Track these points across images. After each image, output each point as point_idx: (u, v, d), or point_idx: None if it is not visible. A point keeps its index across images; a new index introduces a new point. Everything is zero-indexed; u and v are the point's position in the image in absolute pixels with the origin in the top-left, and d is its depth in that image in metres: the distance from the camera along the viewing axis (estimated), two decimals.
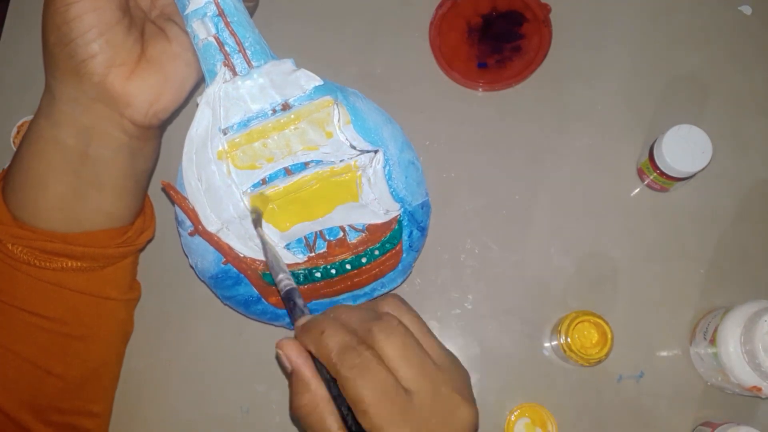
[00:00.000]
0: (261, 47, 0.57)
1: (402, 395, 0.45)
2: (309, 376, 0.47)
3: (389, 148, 0.58)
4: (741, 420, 0.61)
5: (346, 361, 0.44)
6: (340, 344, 0.45)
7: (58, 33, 0.53)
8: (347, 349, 0.45)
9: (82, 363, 0.63)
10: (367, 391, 0.44)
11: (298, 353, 0.48)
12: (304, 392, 0.46)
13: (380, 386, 0.44)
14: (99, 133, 0.56)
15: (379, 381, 0.44)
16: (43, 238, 0.58)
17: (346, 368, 0.44)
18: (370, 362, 0.44)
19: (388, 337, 0.46)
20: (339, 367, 0.44)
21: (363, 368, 0.44)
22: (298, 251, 0.60)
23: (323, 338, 0.46)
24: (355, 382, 0.44)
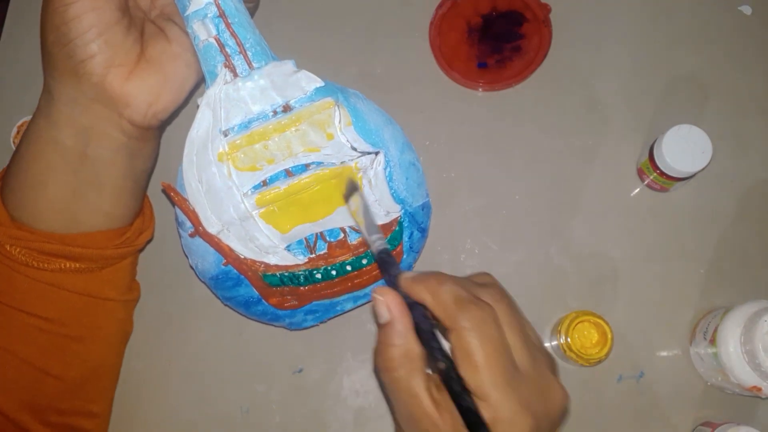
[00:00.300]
0: (262, 48, 0.57)
1: (512, 361, 0.43)
2: (407, 328, 0.45)
3: (390, 149, 0.58)
4: (741, 420, 0.61)
5: (467, 311, 0.43)
6: (459, 295, 0.44)
7: (56, 33, 0.53)
8: (468, 301, 0.43)
9: (81, 364, 0.63)
10: (483, 347, 0.42)
11: (398, 303, 0.46)
12: (397, 345, 0.45)
13: (497, 345, 0.42)
14: (98, 133, 0.56)
15: (497, 339, 0.43)
16: (41, 239, 0.58)
17: (466, 318, 0.43)
18: (490, 318, 0.43)
19: (497, 302, 0.45)
20: (458, 316, 0.43)
21: (483, 322, 0.43)
22: (299, 252, 0.60)
23: (442, 288, 0.45)
24: (473, 334, 0.42)
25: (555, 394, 0.45)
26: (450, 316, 0.43)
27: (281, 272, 0.60)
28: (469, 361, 0.42)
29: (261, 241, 0.59)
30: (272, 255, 0.59)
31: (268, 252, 0.59)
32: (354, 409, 0.68)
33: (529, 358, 0.44)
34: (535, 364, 0.44)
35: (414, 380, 0.44)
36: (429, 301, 0.45)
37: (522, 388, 0.42)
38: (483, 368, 0.42)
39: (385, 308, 0.46)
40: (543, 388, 0.44)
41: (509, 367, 0.43)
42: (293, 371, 0.70)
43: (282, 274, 0.60)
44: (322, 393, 0.69)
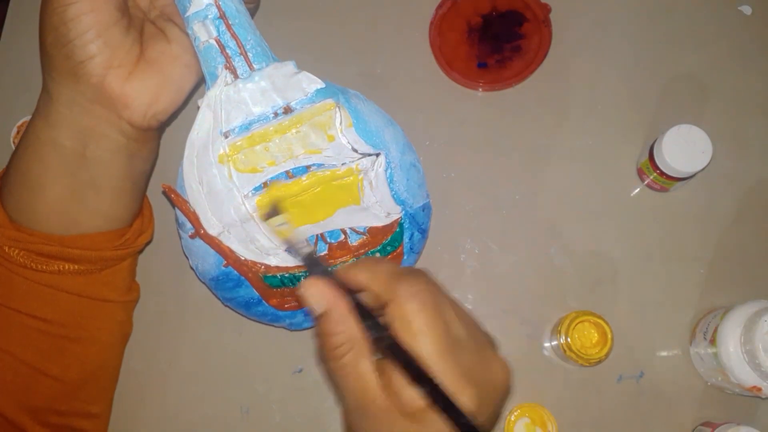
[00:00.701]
0: (262, 49, 0.57)
1: (452, 333, 0.43)
2: (345, 313, 0.44)
3: (391, 150, 0.58)
4: (741, 420, 0.61)
5: (404, 281, 0.43)
6: (395, 270, 0.44)
7: (55, 33, 0.52)
8: (405, 273, 0.44)
9: (80, 365, 0.62)
10: (422, 313, 0.42)
11: (331, 290, 0.45)
12: (339, 332, 0.44)
13: (435, 312, 0.42)
14: (97, 134, 0.56)
15: (435, 307, 0.42)
16: (40, 240, 0.58)
17: (404, 287, 0.42)
18: (426, 287, 0.43)
19: (429, 284, 0.44)
20: (396, 287, 0.43)
21: (420, 291, 0.42)
22: None
23: (377, 266, 0.45)
24: (411, 301, 0.42)
25: (496, 366, 0.45)
26: (388, 289, 0.43)
27: (282, 273, 0.60)
28: (408, 329, 0.42)
29: (261, 242, 0.58)
30: (273, 256, 0.59)
31: (268, 253, 0.59)
32: None
33: (466, 331, 0.44)
34: (475, 338, 0.44)
35: (361, 364, 0.43)
36: (367, 279, 0.45)
37: (462, 358, 0.42)
38: (423, 335, 0.41)
39: (319, 297, 0.45)
40: (483, 360, 0.44)
41: (448, 336, 0.42)
42: (293, 371, 0.70)
43: (282, 275, 0.60)
44: (322, 393, 0.69)
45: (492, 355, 0.45)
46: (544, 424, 0.65)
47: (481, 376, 0.43)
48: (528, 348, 0.69)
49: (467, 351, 0.43)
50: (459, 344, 0.43)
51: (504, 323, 0.69)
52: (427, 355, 0.41)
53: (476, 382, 0.42)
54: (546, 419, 0.65)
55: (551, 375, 0.68)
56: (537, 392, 0.67)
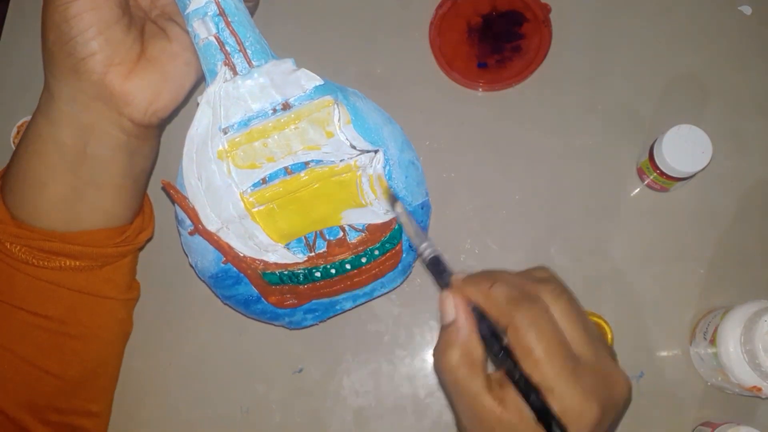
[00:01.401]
0: (261, 47, 0.57)
1: (572, 353, 0.43)
2: (470, 329, 0.46)
3: (389, 147, 0.58)
4: (741, 420, 0.61)
5: (521, 309, 0.43)
6: (513, 294, 0.44)
7: (57, 31, 0.53)
8: (520, 299, 0.44)
9: (81, 363, 0.63)
10: (540, 342, 0.42)
11: (464, 304, 0.46)
12: (458, 346, 0.45)
13: (554, 339, 0.43)
14: (98, 131, 0.56)
15: (553, 333, 0.43)
16: (41, 237, 0.58)
17: (520, 316, 0.43)
18: (544, 313, 0.44)
19: (555, 298, 0.45)
20: (513, 314, 0.43)
21: (537, 317, 0.43)
22: (298, 251, 0.60)
23: (494, 289, 0.45)
24: (529, 330, 0.43)
25: (618, 381, 0.45)
26: (504, 315, 0.44)
27: (281, 270, 0.60)
28: (529, 357, 0.43)
29: (260, 239, 0.59)
30: (272, 253, 0.59)
31: (267, 250, 0.59)
32: (354, 409, 0.68)
33: (589, 348, 0.44)
34: (597, 354, 0.44)
35: (475, 381, 0.44)
36: (482, 302, 0.46)
37: (585, 377, 0.43)
38: (543, 361, 0.42)
39: (451, 308, 0.47)
40: (606, 376, 0.44)
41: (569, 358, 0.43)
42: (293, 371, 0.70)
43: (281, 272, 0.60)
44: (322, 393, 0.69)
45: (613, 368, 0.45)
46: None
47: (602, 391, 0.44)
48: None
49: (590, 369, 0.44)
50: (581, 364, 0.43)
51: None
52: (549, 380, 0.42)
53: (599, 398, 0.43)
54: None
55: None
56: None
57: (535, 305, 0.44)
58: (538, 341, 0.42)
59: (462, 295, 0.47)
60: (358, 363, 0.69)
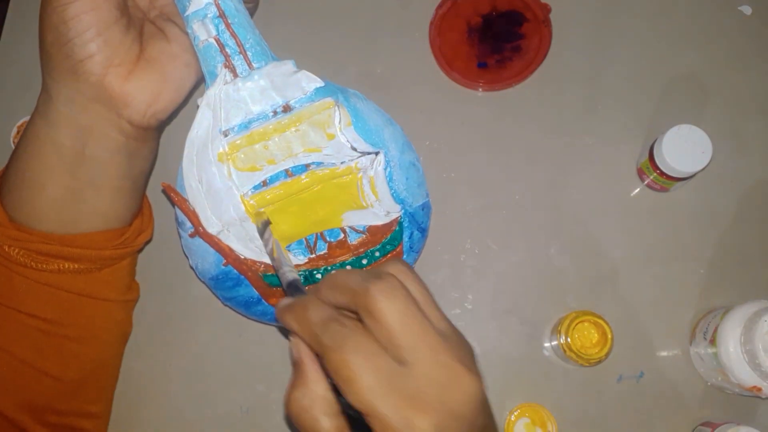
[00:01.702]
0: (262, 48, 0.57)
1: (393, 364, 0.40)
2: (311, 369, 0.43)
3: (390, 149, 0.58)
4: (741, 420, 0.61)
5: (327, 330, 0.40)
6: (322, 317, 0.42)
7: (55, 32, 0.52)
8: (329, 319, 0.41)
9: (80, 364, 0.62)
10: (349, 359, 0.39)
11: (302, 345, 0.43)
12: (301, 385, 0.43)
13: (365, 352, 0.40)
14: (96, 133, 0.56)
15: (364, 347, 0.40)
16: (39, 239, 0.58)
17: (327, 337, 0.40)
18: (353, 329, 0.40)
19: (388, 299, 0.40)
20: (320, 338, 0.40)
21: (345, 335, 0.40)
22: (299, 252, 0.60)
23: (306, 313, 0.42)
24: (336, 350, 0.40)
25: (462, 383, 0.41)
26: (315, 342, 0.41)
27: None
28: (340, 379, 0.40)
29: (261, 241, 0.59)
30: None
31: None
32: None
33: (422, 350, 0.40)
34: (431, 355, 0.41)
35: (320, 423, 0.42)
36: (296, 330, 0.43)
37: (411, 386, 0.40)
38: (356, 384, 0.39)
39: (294, 347, 0.44)
40: (444, 380, 0.40)
41: (387, 369, 0.40)
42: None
43: None
44: None
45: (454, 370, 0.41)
46: (544, 423, 0.65)
47: (437, 397, 0.40)
48: (528, 348, 0.69)
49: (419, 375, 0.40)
50: (405, 372, 0.40)
51: (504, 323, 0.69)
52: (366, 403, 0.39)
53: (432, 407, 0.40)
54: (546, 419, 0.65)
55: (551, 375, 0.68)
56: (537, 392, 0.67)
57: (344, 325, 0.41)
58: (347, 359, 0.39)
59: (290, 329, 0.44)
60: None
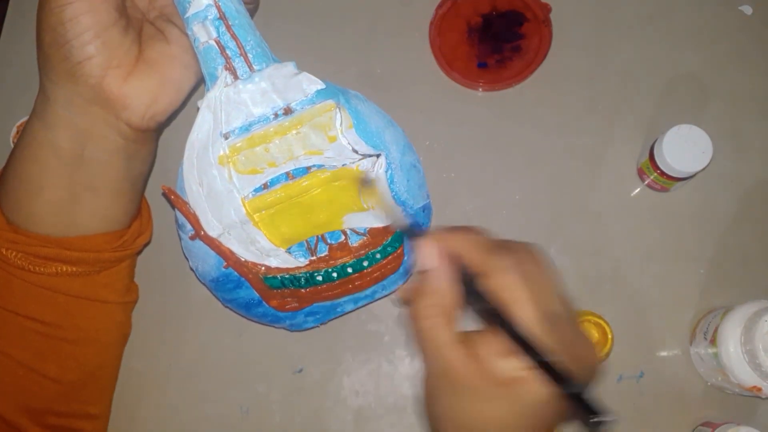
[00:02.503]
0: (262, 50, 0.56)
1: (555, 302, 0.43)
2: (446, 277, 0.44)
3: (391, 151, 0.58)
4: (741, 420, 0.61)
5: (500, 254, 0.43)
6: (492, 242, 0.44)
7: (53, 34, 0.52)
8: (501, 246, 0.44)
9: (79, 366, 0.62)
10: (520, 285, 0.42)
11: (442, 253, 0.45)
12: (432, 294, 0.44)
13: (534, 285, 0.42)
14: (95, 135, 0.56)
15: (533, 280, 0.42)
16: (37, 243, 0.58)
17: (501, 259, 0.43)
18: (523, 260, 0.43)
19: (534, 259, 0.44)
20: (494, 259, 0.43)
21: (517, 263, 0.43)
22: (300, 255, 0.60)
23: (474, 235, 0.45)
24: (507, 273, 0.42)
25: (589, 347, 0.45)
26: (485, 261, 0.43)
27: (282, 275, 0.60)
28: (512, 297, 0.42)
29: (262, 243, 0.59)
30: (273, 257, 0.59)
31: (269, 254, 0.59)
32: (354, 409, 0.68)
33: (564, 308, 0.44)
34: (571, 319, 0.44)
35: (443, 331, 0.43)
36: (464, 248, 0.45)
37: (561, 332, 0.42)
38: (528, 303, 0.41)
39: (429, 254, 0.45)
40: (578, 339, 0.44)
41: (549, 308, 0.42)
42: (293, 371, 0.70)
43: (283, 276, 0.60)
44: (322, 393, 0.69)
45: (585, 336, 0.45)
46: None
47: (577, 352, 0.43)
48: None
49: (565, 327, 0.43)
50: (558, 319, 0.43)
51: None
52: (531, 322, 0.41)
53: (573, 356, 0.42)
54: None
55: None
56: None
57: (516, 252, 0.44)
58: (518, 283, 0.42)
59: (441, 246, 0.45)
60: (358, 363, 0.69)
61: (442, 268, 0.45)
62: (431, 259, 0.45)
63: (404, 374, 0.69)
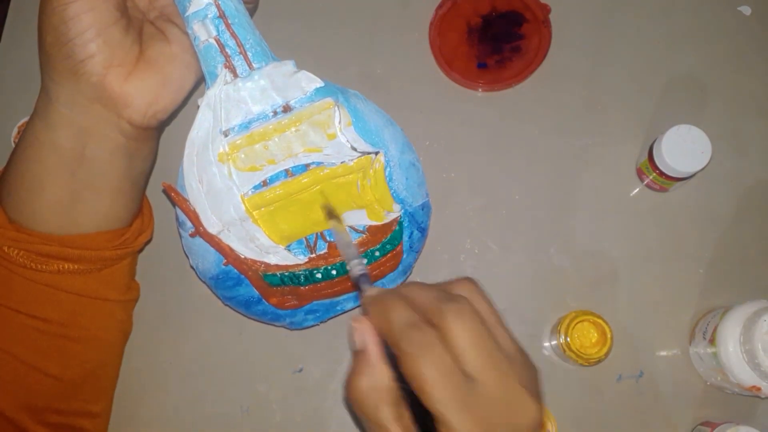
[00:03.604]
0: (262, 49, 0.57)
1: (465, 381, 0.42)
2: (376, 358, 0.44)
3: (390, 149, 0.59)
4: (740, 420, 0.61)
5: (409, 337, 0.42)
6: (406, 320, 0.43)
7: (55, 33, 0.52)
8: (412, 326, 0.42)
9: (80, 364, 0.62)
10: (428, 370, 0.41)
11: (371, 333, 0.45)
12: (366, 375, 0.44)
13: (442, 367, 0.41)
14: (96, 134, 0.56)
15: (442, 362, 0.41)
16: (39, 240, 0.58)
17: (408, 343, 0.42)
18: (433, 341, 0.42)
19: (459, 319, 0.43)
20: (401, 342, 0.42)
21: (426, 346, 0.42)
22: (299, 252, 0.60)
23: (389, 312, 0.44)
24: (416, 359, 0.41)
25: (525, 409, 0.43)
26: (395, 342, 0.43)
27: (281, 272, 0.60)
28: (417, 385, 0.41)
29: (261, 240, 0.59)
30: (273, 255, 0.59)
31: (268, 252, 0.59)
32: None
33: (491, 371, 0.42)
34: (499, 378, 0.42)
35: (381, 412, 0.43)
36: (377, 326, 0.45)
37: (481, 405, 0.41)
38: (431, 392, 0.41)
39: (359, 336, 0.45)
40: (508, 402, 0.43)
41: (462, 385, 0.41)
42: (293, 371, 0.70)
43: (282, 273, 0.60)
44: (322, 393, 0.69)
45: (519, 394, 0.43)
46: (544, 423, 0.65)
47: (502, 419, 0.42)
48: (528, 347, 0.66)
49: (487, 397, 0.42)
50: (476, 392, 0.42)
51: None
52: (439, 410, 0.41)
53: (494, 427, 0.42)
54: (546, 419, 0.65)
55: (551, 375, 0.68)
56: None
57: (425, 334, 0.42)
58: (424, 369, 0.41)
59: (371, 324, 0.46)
60: None
61: (374, 349, 0.45)
62: (362, 340, 0.45)
63: None
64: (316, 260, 0.60)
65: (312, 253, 0.60)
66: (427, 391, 0.41)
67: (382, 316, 0.45)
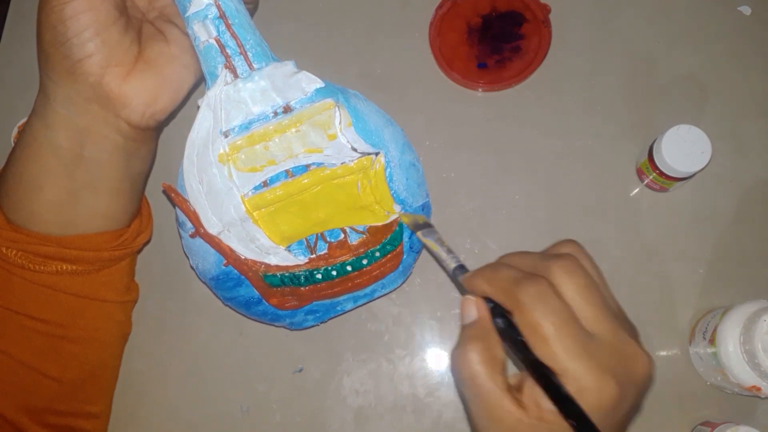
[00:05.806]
0: (262, 49, 0.57)
1: (583, 329, 0.42)
2: (488, 329, 0.45)
3: (390, 150, 0.59)
4: (740, 420, 0.61)
5: (525, 288, 0.42)
6: (514, 276, 0.44)
7: (53, 32, 0.52)
8: (525, 278, 0.43)
9: (79, 365, 0.62)
10: (545, 320, 0.41)
11: (483, 304, 0.46)
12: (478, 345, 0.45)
13: (561, 316, 0.41)
14: (94, 134, 0.56)
15: (560, 311, 0.42)
16: (37, 241, 0.58)
17: (524, 294, 0.42)
18: (548, 291, 0.42)
19: (567, 274, 0.43)
20: (517, 293, 0.42)
21: (542, 295, 0.42)
22: (299, 253, 0.60)
23: (498, 272, 0.45)
24: (533, 310, 0.42)
25: (637, 358, 0.43)
26: (508, 298, 0.43)
27: (282, 273, 0.60)
28: (536, 336, 0.42)
29: (262, 241, 0.59)
30: (273, 255, 0.59)
31: (268, 252, 0.59)
32: (354, 409, 0.68)
33: (604, 324, 0.43)
34: (613, 330, 0.43)
35: (492, 381, 0.44)
36: (488, 291, 0.46)
37: (600, 354, 0.41)
38: (552, 340, 0.41)
39: (469, 308, 0.47)
40: (623, 352, 0.43)
41: (580, 334, 0.42)
42: (293, 371, 0.70)
43: (282, 274, 0.60)
44: (322, 393, 0.69)
45: (632, 345, 0.43)
46: None
47: (620, 368, 0.42)
48: None
49: (605, 346, 0.42)
50: (595, 340, 0.42)
51: None
52: (560, 360, 0.41)
53: (617, 376, 0.42)
54: None
55: None
56: None
57: (537, 283, 0.43)
58: (543, 318, 0.41)
59: (482, 298, 0.47)
60: (358, 363, 0.69)
61: (484, 321, 0.46)
62: (470, 313, 0.47)
63: (404, 374, 0.69)
64: (317, 261, 0.60)
65: (312, 254, 0.60)
66: (547, 339, 0.41)
67: (492, 276, 0.45)
